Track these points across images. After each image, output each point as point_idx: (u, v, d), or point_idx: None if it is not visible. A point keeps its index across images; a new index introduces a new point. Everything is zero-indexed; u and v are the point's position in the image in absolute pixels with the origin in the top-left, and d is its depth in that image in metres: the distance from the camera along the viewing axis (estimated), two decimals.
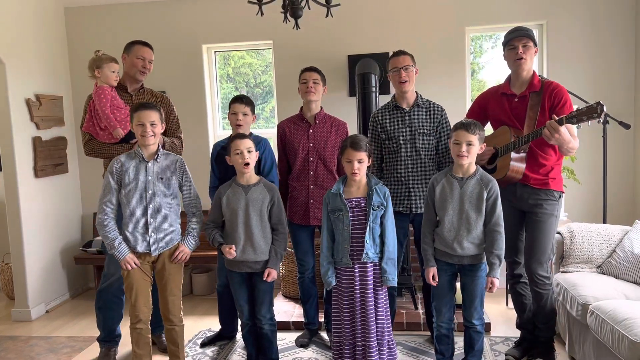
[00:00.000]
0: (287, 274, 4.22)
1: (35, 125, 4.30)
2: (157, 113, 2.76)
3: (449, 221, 2.63)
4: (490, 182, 2.62)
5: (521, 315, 3.12)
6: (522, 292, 3.08)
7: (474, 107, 3.15)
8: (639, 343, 2.25)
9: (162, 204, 2.78)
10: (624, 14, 4.14)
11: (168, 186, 2.80)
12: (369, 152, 2.67)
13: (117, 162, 2.76)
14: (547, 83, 2.88)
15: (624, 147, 4.19)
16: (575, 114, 2.58)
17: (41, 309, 4.33)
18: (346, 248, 2.64)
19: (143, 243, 2.76)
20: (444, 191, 2.66)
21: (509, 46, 2.89)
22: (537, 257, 2.88)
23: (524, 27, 2.89)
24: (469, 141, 2.56)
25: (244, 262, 2.82)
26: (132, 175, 2.74)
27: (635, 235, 3.19)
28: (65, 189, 4.64)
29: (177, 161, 2.86)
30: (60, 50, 4.70)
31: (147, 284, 2.82)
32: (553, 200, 2.88)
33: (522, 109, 2.89)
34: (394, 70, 3.10)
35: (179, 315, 2.91)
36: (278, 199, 2.86)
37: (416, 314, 3.71)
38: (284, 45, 4.51)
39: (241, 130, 3.18)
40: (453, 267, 2.71)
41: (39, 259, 4.34)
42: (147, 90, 3.40)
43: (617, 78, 4.19)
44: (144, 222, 2.75)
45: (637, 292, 2.88)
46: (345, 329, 2.69)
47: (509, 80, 2.99)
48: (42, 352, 3.56)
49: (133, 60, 3.25)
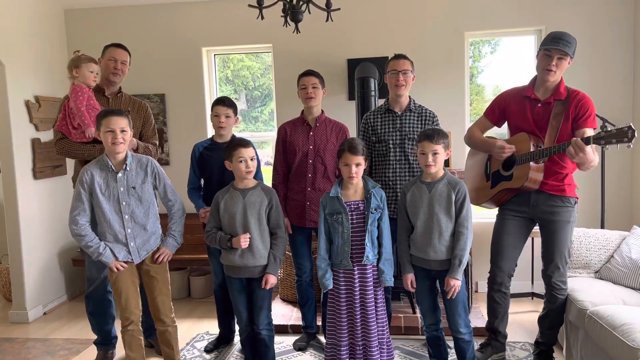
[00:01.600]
0: (285, 277, 4.21)
1: (34, 126, 4.30)
2: (125, 119, 2.69)
3: (421, 225, 2.66)
4: (458, 184, 2.65)
5: (492, 319, 3.09)
6: (499, 300, 3.04)
7: (493, 107, 3.07)
8: (637, 349, 2.25)
9: (138, 213, 2.73)
10: (622, 21, 4.16)
11: (142, 194, 2.75)
12: (366, 155, 2.69)
13: (86, 174, 2.69)
14: (574, 92, 2.81)
15: (622, 153, 4.19)
16: (603, 136, 2.50)
17: (39, 311, 4.32)
18: (346, 251, 2.65)
19: (123, 252, 2.73)
20: (414, 197, 2.70)
21: (545, 51, 2.78)
22: (555, 262, 2.87)
23: (567, 38, 2.74)
24: (434, 151, 2.61)
25: (243, 267, 2.80)
26: (103, 188, 2.69)
27: (633, 240, 3.19)
28: (63, 190, 4.63)
29: (147, 165, 2.79)
30: (60, 52, 4.70)
31: (135, 285, 2.81)
32: (569, 207, 2.86)
33: (544, 115, 2.83)
34: (393, 72, 3.11)
35: (170, 316, 2.89)
36: (276, 202, 2.85)
37: (414, 318, 3.71)
38: (284, 49, 4.52)
39: (223, 132, 3.23)
40: (429, 272, 2.73)
41: (37, 260, 4.33)
42: (125, 95, 3.36)
43: (615, 85, 4.20)
44: (122, 232, 2.72)
45: (635, 297, 2.88)
46: (342, 331, 2.70)
47: (534, 82, 2.91)
48: (39, 355, 3.55)
49: (106, 62, 3.25)
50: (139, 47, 4.58)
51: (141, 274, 2.85)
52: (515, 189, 2.86)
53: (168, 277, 2.90)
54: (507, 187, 2.90)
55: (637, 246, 3.15)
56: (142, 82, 3.41)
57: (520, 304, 4.14)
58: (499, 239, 3.02)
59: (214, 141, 3.31)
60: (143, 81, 3.40)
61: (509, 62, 4.59)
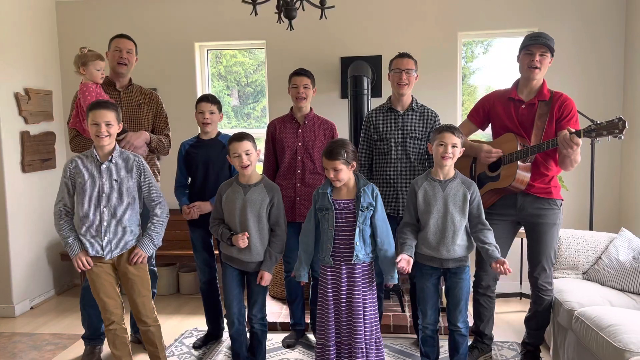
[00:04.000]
0: (274, 274, 4.20)
1: (23, 119, 4.25)
2: (113, 113, 2.67)
3: (434, 224, 2.64)
4: (472, 185, 2.66)
5: (478, 322, 3.11)
6: (484, 304, 3.05)
7: (477, 110, 3.07)
8: (623, 350, 2.27)
9: (117, 207, 2.70)
10: (614, 24, 4.18)
11: (124, 188, 2.71)
12: (349, 158, 2.59)
13: (71, 163, 2.70)
14: (557, 94, 2.83)
15: (611, 154, 4.23)
16: (594, 128, 2.50)
17: (25, 306, 4.28)
18: (329, 247, 2.63)
19: (95, 247, 2.69)
20: (427, 195, 2.66)
21: (526, 51, 2.80)
22: (542, 264, 2.89)
23: (546, 35, 2.80)
24: (454, 143, 2.59)
25: (239, 260, 2.82)
26: (85, 177, 2.67)
27: (620, 242, 3.22)
28: (53, 184, 4.59)
29: (134, 161, 2.76)
30: (51, 44, 4.65)
31: (112, 285, 2.77)
32: (556, 209, 2.88)
33: (529, 116, 2.84)
34: (396, 71, 3.12)
35: (152, 316, 2.85)
36: (278, 200, 2.82)
37: (403, 316, 3.72)
38: (277, 46, 4.51)
39: (208, 129, 3.24)
40: (438, 272, 2.72)
41: (25, 254, 4.29)
42: (136, 86, 3.37)
43: (606, 87, 4.23)
44: (97, 225, 2.68)
45: (622, 298, 2.91)
46: (329, 329, 2.69)
47: (517, 85, 2.93)
48: (25, 349, 3.52)
49: (112, 54, 3.26)
50: None
51: (120, 276, 2.81)
52: (502, 189, 2.87)
53: (148, 278, 2.84)
54: (494, 187, 2.91)
55: (624, 248, 3.18)
56: (133, 75, 3.39)
57: (508, 304, 4.17)
58: None
59: (199, 139, 3.31)
60: (134, 75, 3.38)
61: (501, 64, 4.61)
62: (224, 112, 3.70)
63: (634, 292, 2.98)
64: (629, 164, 4.15)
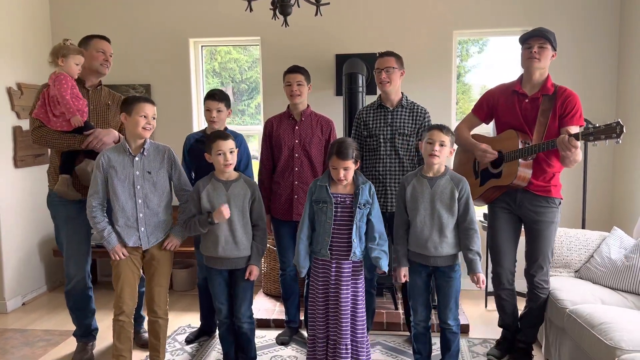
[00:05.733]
0: (269, 271, 4.20)
1: (16, 114, 4.22)
2: (155, 108, 2.77)
3: (421, 221, 2.65)
4: (461, 181, 2.65)
5: (503, 315, 3.11)
6: (506, 297, 3.04)
7: (481, 104, 3.08)
8: (614, 347, 2.29)
9: (151, 198, 2.76)
10: (608, 23, 4.20)
11: (157, 179, 2.78)
12: (356, 157, 2.63)
13: (104, 157, 2.73)
14: (561, 89, 2.84)
15: (604, 154, 4.25)
16: (592, 132, 2.52)
17: (17, 302, 4.26)
18: (326, 240, 2.64)
19: (133, 237, 2.76)
20: (414, 191, 2.68)
21: (525, 45, 2.84)
22: (539, 262, 2.90)
23: (545, 28, 2.84)
24: (442, 141, 2.60)
25: (226, 259, 2.80)
26: (119, 170, 2.72)
27: (612, 241, 3.24)
28: (45, 180, 4.54)
29: (165, 152, 2.83)
30: (44, 39, 4.62)
31: (135, 276, 2.82)
32: (554, 208, 2.88)
33: (532, 111, 2.85)
34: (377, 70, 3.16)
35: (164, 308, 2.90)
36: (258, 195, 2.85)
37: (396, 314, 3.73)
38: (272, 43, 4.50)
39: (216, 126, 3.20)
40: (427, 269, 2.72)
41: (17, 250, 4.26)
42: (104, 88, 3.28)
43: (599, 87, 4.25)
44: (134, 217, 2.74)
45: (613, 297, 2.93)
46: (319, 323, 2.70)
47: (521, 79, 2.94)
48: (17, 345, 3.50)
49: (93, 54, 3.15)
50: (125, 36, 4.54)
51: (143, 264, 2.86)
52: (504, 187, 2.88)
53: (169, 271, 2.92)
54: (496, 184, 2.92)
55: (616, 247, 3.20)
56: (127, 71, 3.36)
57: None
58: (494, 238, 3.03)
59: (206, 134, 3.28)
60: (128, 70, 3.35)
61: (496, 62, 4.62)
62: None
63: (626, 290, 3.00)
64: (622, 163, 4.17)
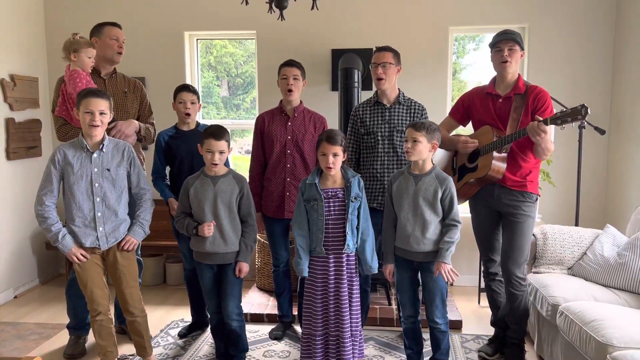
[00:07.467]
0: (262, 266, 4.20)
1: (8, 106, 4.19)
2: (107, 102, 2.63)
3: (405, 217, 2.67)
4: (446, 181, 2.65)
5: (495, 312, 3.16)
6: (497, 290, 3.12)
7: (457, 106, 3.16)
8: (606, 344, 2.30)
9: (110, 197, 2.67)
10: (604, 21, 4.21)
11: (116, 177, 2.69)
12: (344, 146, 2.68)
13: (59, 152, 2.63)
14: (532, 87, 2.92)
15: (598, 152, 4.27)
16: (559, 115, 2.62)
17: (9, 294, 4.24)
18: (320, 238, 2.65)
19: (91, 237, 2.66)
20: (400, 187, 2.71)
21: (495, 48, 2.91)
22: (515, 258, 2.92)
23: (511, 31, 2.92)
24: (414, 138, 2.61)
25: (214, 253, 2.79)
26: (76, 167, 2.62)
27: (605, 238, 3.26)
28: (38, 172, 4.52)
29: (124, 149, 2.74)
30: (38, 30, 4.58)
31: (100, 275, 2.74)
32: (530, 203, 2.92)
33: (505, 109, 2.92)
34: (373, 65, 3.14)
35: (139, 307, 2.84)
36: (247, 191, 2.84)
37: (389, 309, 3.74)
38: (268, 37, 4.48)
39: (189, 119, 3.22)
40: (412, 264, 2.73)
41: (8, 243, 4.24)
42: (119, 75, 3.31)
43: (594, 84, 4.26)
44: (91, 216, 2.64)
45: (606, 294, 2.94)
46: (317, 320, 2.70)
47: (494, 81, 3.02)
48: (8, 339, 3.48)
49: (106, 42, 3.16)
50: None
51: (107, 268, 2.78)
52: (480, 179, 2.92)
53: (136, 269, 2.84)
54: (473, 177, 2.97)
55: (609, 244, 3.21)
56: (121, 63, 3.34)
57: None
58: (479, 231, 3.11)
59: (178, 130, 3.27)
60: (123, 62, 3.32)
61: None
62: (213, 103, 3.67)
63: (618, 287, 3.01)
64: (615, 160, 4.19)
